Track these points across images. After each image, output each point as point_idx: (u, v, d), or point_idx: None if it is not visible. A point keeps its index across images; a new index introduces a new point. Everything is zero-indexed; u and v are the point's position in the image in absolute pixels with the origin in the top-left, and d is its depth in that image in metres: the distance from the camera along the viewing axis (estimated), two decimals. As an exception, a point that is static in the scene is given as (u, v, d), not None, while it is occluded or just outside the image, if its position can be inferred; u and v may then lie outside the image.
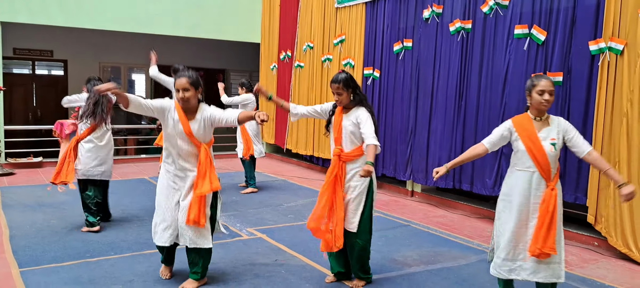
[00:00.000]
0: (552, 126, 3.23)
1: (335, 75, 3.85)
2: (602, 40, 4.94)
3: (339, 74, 3.83)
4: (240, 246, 4.92)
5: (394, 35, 7.47)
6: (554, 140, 3.19)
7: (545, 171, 3.19)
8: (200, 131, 3.74)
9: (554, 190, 3.18)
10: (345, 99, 3.79)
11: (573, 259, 4.82)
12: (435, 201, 7.02)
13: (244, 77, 14.42)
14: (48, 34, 11.19)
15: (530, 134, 3.23)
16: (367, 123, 3.69)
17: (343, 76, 3.79)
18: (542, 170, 3.20)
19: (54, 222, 5.58)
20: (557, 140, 3.20)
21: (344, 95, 3.78)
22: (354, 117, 3.76)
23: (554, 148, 3.19)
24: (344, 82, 3.76)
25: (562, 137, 3.22)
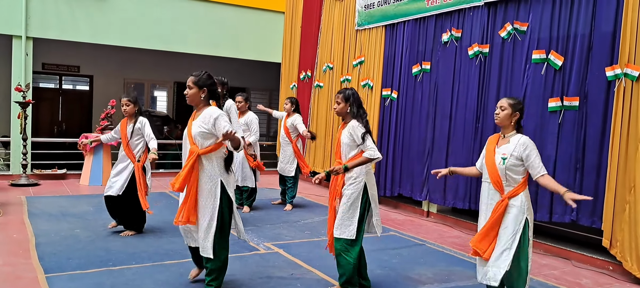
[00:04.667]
0: (511, 144, 3.53)
1: (343, 88, 4.16)
2: (618, 67, 5.00)
3: (346, 89, 4.11)
4: (257, 260, 5.03)
5: (412, 57, 7.60)
6: (505, 156, 3.51)
7: (495, 183, 3.54)
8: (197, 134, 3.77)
9: (505, 201, 3.48)
10: (342, 109, 4.05)
11: (587, 282, 4.83)
12: (451, 222, 7.06)
13: (263, 95, 14.77)
14: (75, 49, 11.56)
15: (489, 148, 3.64)
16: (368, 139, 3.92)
17: (347, 91, 4.08)
18: (493, 182, 3.56)
19: (77, 232, 5.75)
20: (507, 156, 3.49)
21: (341, 105, 4.04)
22: (349, 129, 4.00)
23: (502, 162, 3.49)
24: (344, 95, 4.04)
25: (520, 156, 3.48)
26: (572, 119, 5.45)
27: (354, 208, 3.96)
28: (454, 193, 6.79)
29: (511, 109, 3.56)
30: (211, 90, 3.85)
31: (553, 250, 5.74)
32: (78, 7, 9.52)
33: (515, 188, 3.49)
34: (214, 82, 3.89)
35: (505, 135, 3.61)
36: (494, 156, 3.57)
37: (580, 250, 5.55)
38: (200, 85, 3.81)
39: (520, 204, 3.48)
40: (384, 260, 5.21)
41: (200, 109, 3.86)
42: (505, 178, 3.51)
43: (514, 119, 3.57)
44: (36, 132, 10.73)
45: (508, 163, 3.48)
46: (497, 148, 3.59)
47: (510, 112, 3.56)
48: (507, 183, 3.51)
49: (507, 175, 3.50)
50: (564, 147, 5.51)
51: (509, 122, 3.57)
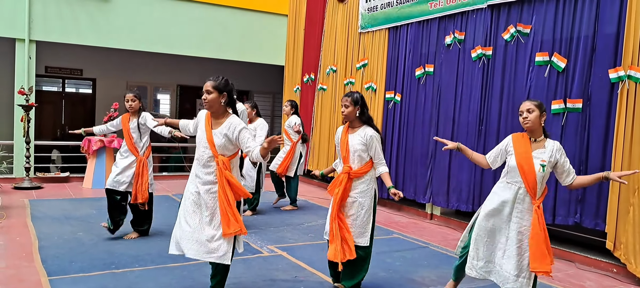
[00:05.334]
0: (546, 149, 3.45)
1: (350, 92, 4.13)
2: (622, 69, 4.99)
3: (353, 92, 4.09)
4: (261, 262, 5.02)
5: (415, 60, 7.60)
6: (544, 163, 3.41)
7: (531, 188, 3.44)
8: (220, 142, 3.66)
9: (540, 208, 3.42)
10: (351, 113, 4.01)
11: (591, 285, 4.81)
12: (454, 224, 7.05)
13: (267, 98, 14.79)
14: (78, 52, 11.58)
15: (524, 152, 3.48)
16: (378, 147, 3.96)
17: (355, 94, 4.06)
18: (528, 187, 3.45)
19: (80, 234, 5.76)
20: (547, 162, 3.41)
21: (350, 109, 4.00)
22: (362, 136, 3.96)
23: (542, 170, 3.40)
24: (353, 98, 4.01)
25: (555, 162, 3.43)
26: (575, 121, 5.44)
27: (369, 215, 4.02)
28: (457, 196, 6.78)
29: (539, 110, 3.46)
30: (231, 95, 3.73)
31: (557, 253, 5.71)
32: (81, 10, 9.56)
33: (543, 195, 3.47)
34: (233, 87, 3.76)
35: (536, 139, 3.49)
36: (532, 160, 3.44)
37: (584, 253, 5.53)
38: (220, 90, 3.66)
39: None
40: (387, 262, 5.20)
41: (219, 116, 3.72)
42: (540, 185, 3.45)
43: (543, 120, 3.47)
44: (39, 135, 10.74)
45: (546, 171, 3.42)
46: (533, 152, 3.46)
47: (539, 113, 3.45)
48: (540, 189, 3.47)
49: (542, 183, 3.46)
50: (568, 149, 5.47)
51: (539, 124, 3.46)
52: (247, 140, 3.61)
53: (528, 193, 3.46)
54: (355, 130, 4.05)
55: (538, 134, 3.48)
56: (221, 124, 3.69)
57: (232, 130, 3.63)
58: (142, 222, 5.78)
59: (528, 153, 3.46)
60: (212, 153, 3.66)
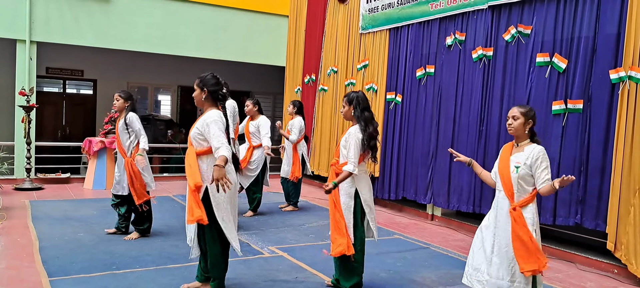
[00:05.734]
0: (524, 152, 3.48)
1: (349, 92, 4.24)
2: (622, 69, 4.98)
3: (352, 92, 4.19)
4: (261, 263, 5.02)
5: (416, 61, 7.59)
6: (518, 164, 3.46)
7: (508, 191, 3.50)
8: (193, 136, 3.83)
9: (516, 211, 3.43)
10: (347, 113, 4.12)
11: (592, 286, 4.81)
12: (455, 225, 7.04)
13: (268, 99, 14.79)
14: (79, 53, 11.59)
15: (504, 157, 3.58)
16: (351, 147, 3.95)
17: (351, 94, 4.14)
18: (505, 190, 3.52)
19: (81, 235, 5.76)
20: (521, 164, 3.45)
21: (346, 109, 4.12)
22: (348, 133, 4.05)
23: (515, 171, 3.46)
24: (348, 98, 4.13)
25: (530, 164, 3.43)
26: (576, 121, 5.43)
27: (347, 214, 4.04)
28: (458, 197, 6.78)
29: (524, 118, 3.49)
30: (211, 91, 3.84)
31: (557, 253, 5.72)
32: (82, 11, 9.56)
33: (526, 199, 3.45)
34: (217, 82, 3.87)
35: (519, 144, 3.54)
36: (508, 164, 3.51)
37: (585, 253, 5.52)
38: (201, 86, 3.86)
39: (532, 216, 3.45)
40: (388, 263, 5.20)
41: (205, 111, 3.89)
42: (517, 187, 3.46)
43: (528, 127, 3.50)
44: (39, 136, 10.75)
45: (521, 173, 3.44)
46: (511, 156, 3.53)
47: (524, 121, 3.49)
48: (517, 193, 3.47)
49: (519, 184, 3.46)
50: (568, 149, 5.49)
51: (523, 131, 3.50)
52: (213, 137, 3.65)
53: (506, 197, 3.51)
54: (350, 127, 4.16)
55: (522, 139, 3.53)
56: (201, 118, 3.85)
57: (204, 122, 3.75)
58: (142, 221, 5.78)
59: (507, 157, 3.55)
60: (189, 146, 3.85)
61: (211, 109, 3.86)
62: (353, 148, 3.95)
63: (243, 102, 12.90)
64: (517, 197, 3.46)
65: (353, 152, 3.95)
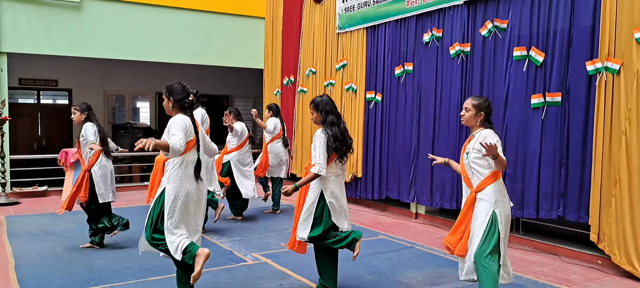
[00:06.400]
0: (474, 138, 3.59)
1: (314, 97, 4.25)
2: (599, 61, 5.00)
3: (316, 97, 4.23)
4: (245, 271, 4.94)
5: (394, 59, 7.57)
6: (467, 150, 3.60)
7: (465, 179, 3.65)
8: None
9: (472, 195, 3.54)
10: (316, 119, 4.18)
11: (576, 278, 4.82)
12: (439, 222, 7.03)
13: (247, 102, 14.67)
14: (53, 63, 11.37)
15: (463, 148, 3.71)
16: (317, 149, 3.99)
17: (316, 99, 4.18)
18: (464, 179, 3.67)
19: (59, 250, 5.61)
20: (470, 150, 3.58)
21: (315, 115, 4.17)
22: (314, 137, 4.08)
23: (466, 157, 3.59)
24: (314, 104, 4.17)
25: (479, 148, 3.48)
26: (555, 114, 5.45)
27: (309, 213, 4.07)
28: (441, 194, 6.77)
29: (475, 110, 3.60)
30: (177, 99, 3.81)
31: (542, 247, 5.73)
32: (52, 20, 9.33)
33: (483, 182, 3.50)
34: (183, 90, 3.84)
35: (473, 134, 3.66)
36: (463, 154, 3.66)
37: (569, 246, 5.54)
38: (168, 95, 3.86)
39: (489, 197, 3.48)
40: (373, 265, 5.15)
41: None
42: (472, 172, 3.56)
43: (479, 119, 3.60)
44: (15, 149, 10.49)
45: (471, 157, 3.54)
46: (467, 145, 3.66)
47: (475, 113, 3.60)
48: (474, 177, 3.55)
49: (472, 169, 3.55)
50: (548, 142, 5.51)
51: (475, 122, 3.62)
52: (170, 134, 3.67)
53: (466, 185, 3.64)
54: None
55: (475, 129, 3.64)
56: None
57: (168, 125, 3.75)
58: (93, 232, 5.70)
59: (463, 148, 3.71)
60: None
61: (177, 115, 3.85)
62: (318, 150, 3.99)
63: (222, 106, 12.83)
64: (474, 182, 3.55)
65: (318, 153, 3.98)
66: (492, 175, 3.49)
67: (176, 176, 3.71)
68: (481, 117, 3.59)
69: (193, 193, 3.77)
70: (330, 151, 4.02)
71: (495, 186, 3.50)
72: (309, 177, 4.00)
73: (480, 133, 3.56)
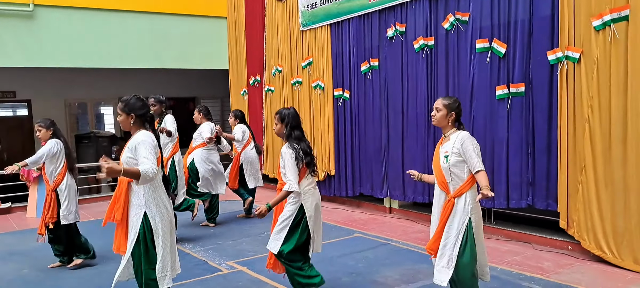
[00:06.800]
0: (451, 141, 3.53)
1: (281, 108, 4.17)
2: (559, 50, 5.09)
3: (283, 109, 4.15)
4: (221, 281, 4.87)
5: (360, 55, 7.56)
6: (446, 154, 3.51)
7: (440, 183, 3.56)
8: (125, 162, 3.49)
9: (451, 201, 3.49)
10: (279, 130, 4.11)
11: (549, 265, 4.92)
12: (413, 216, 7.08)
13: (215, 104, 14.48)
14: (9, 74, 10.97)
15: (436, 151, 3.65)
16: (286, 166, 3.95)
17: (284, 111, 4.11)
18: (439, 183, 3.58)
19: (25, 271, 5.43)
20: (449, 153, 3.49)
21: (278, 127, 4.11)
22: (281, 154, 4.02)
23: (445, 161, 3.50)
24: (280, 115, 4.11)
25: (458, 150, 3.46)
26: (520, 104, 5.53)
27: (284, 226, 4.01)
28: (413, 189, 6.82)
29: (446, 110, 3.55)
30: (139, 114, 3.57)
31: (513, 235, 5.84)
32: (4, 31, 8.98)
33: (461, 187, 3.45)
34: (143, 105, 3.61)
35: (446, 135, 3.60)
36: (439, 157, 3.58)
37: (540, 233, 5.66)
38: (127, 111, 3.56)
39: (464, 204, 3.45)
40: (349, 265, 5.15)
41: (133, 133, 3.59)
42: (450, 177, 3.48)
43: (451, 119, 3.55)
44: (-26, 165, 10.11)
45: (451, 161, 3.46)
46: (441, 147, 3.59)
47: (446, 113, 3.55)
48: (452, 182, 3.48)
49: (451, 173, 3.47)
50: (515, 132, 5.59)
51: (446, 123, 3.56)
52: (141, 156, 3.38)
53: (442, 190, 3.55)
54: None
55: (447, 130, 3.59)
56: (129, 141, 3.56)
57: (133, 146, 3.46)
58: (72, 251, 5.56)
59: (437, 151, 3.62)
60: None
61: (139, 130, 3.59)
62: (288, 167, 3.93)
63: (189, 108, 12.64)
64: (452, 187, 3.49)
65: (289, 170, 3.92)
66: (470, 179, 3.45)
67: (154, 197, 3.48)
68: (452, 117, 3.55)
69: (170, 212, 3.62)
70: (300, 164, 3.97)
71: (472, 192, 3.47)
72: (281, 195, 3.94)
73: (457, 135, 3.49)
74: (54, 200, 5.34)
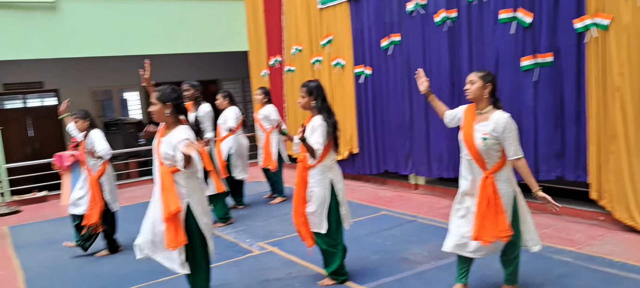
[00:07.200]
0: (490, 121, 3.36)
1: (307, 81, 4.11)
2: (587, 17, 4.97)
3: (310, 81, 4.10)
4: (252, 262, 4.97)
5: (380, 31, 7.49)
6: (485, 136, 3.34)
7: (477, 160, 3.40)
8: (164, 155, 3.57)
9: (489, 179, 3.35)
10: (306, 104, 4.06)
11: (580, 237, 4.88)
12: (440, 191, 7.08)
13: (236, 85, 14.56)
14: (37, 65, 11.18)
15: (467, 123, 3.47)
16: (317, 132, 3.93)
17: (311, 84, 4.06)
18: (475, 159, 3.41)
19: (65, 259, 5.62)
20: (488, 136, 3.33)
21: (305, 100, 4.06)
22: (312, 124, 4.00)
23: (483, 143, 3.34)
24: (308, 88, 4.05)
25: (498, 136, 3.33)
26: (548, 75, 5.43)
27: (323, 205, 4.03)
28: (438, 164, 6.80)
29: (482, 82, 3.38)
30: (176, 104, 3.63)
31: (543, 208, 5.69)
32: (29, 24, 9.13)
33: (499, 163, 3.37)
34: (178, 95, 3.66)
35: (482, 111, 3.42)
36: (473, 133, 3.40)
37: (570, 205, 5.59)
38: (163, 101, 3.59)
39: (506, 178, 3.39)
40: (377, 243, 5.20)
41: (169, 126, 3.65)
42: (488, 156, 3.38)
43: (487, 91, 3.39)
44: (9, 156, 10.41)
45: (489, 143, 3.33)
46: (476, 124, 3.41)
47: (482, 85, 3.38)
48: (490, 160, 3.38)
49: (489, 153, 3.36)
50: (542, 104, 5.51)
51: (482, 96, 3.38)
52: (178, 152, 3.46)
53: (477, 165, 3.43)
54: (310, 119, 4.09)
55: (482, 105, 3.42)
56: (169, 132, 3.61)
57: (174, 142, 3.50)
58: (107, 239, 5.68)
59: (470, 126, 3.44)
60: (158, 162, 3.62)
61: (176, 127, 3.61)
62: (320, 133, 3.92)
63: (210, 91, 12.70)
64: (489, 164, 3.38)
65: (320, 135, 3.92)
66: (504, 155, 3.38)
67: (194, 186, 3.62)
68: (488, 89, 3.38)
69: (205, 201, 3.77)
70: (330, 138, 3.99)
71: (509, 165, 3.41)
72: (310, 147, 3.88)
73: (497, 118, 3.32)
74: (98, 189, 5.44)
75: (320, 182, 4.02)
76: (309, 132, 3.98)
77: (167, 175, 3.55)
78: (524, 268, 3.92)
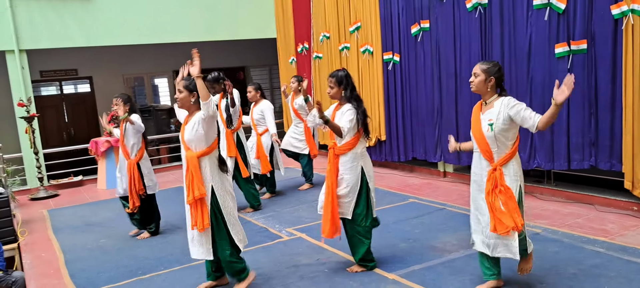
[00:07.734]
0: (494, 108, 3.38)
1: (335, 71, 4.15)
2: (624, 3, 4.86)
3: (338, 71, 4.14)
4: (282, 248, 5.06)
5: (410, 17, 7.44)
6: (491, 121, 3.35)
7: (484, 152, 3.41)
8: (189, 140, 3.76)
9: (497, 170, 3.35)
10: (336, 94, 4.11)
11: (613, 227, 4.82)
12: (469, 180, 7.00)
13: (263, 72, 14.65)
14: (71, 53, 11.47)
15: (475, 118, 3.48)
16: (345, 115, 3.99)
17: (340, 73, 4.11)
18: (482, 152, 3.43)
19: (103, 241, 5.82)
20: (494, 120, 3.34)
21: (335, 90, 4.10)
22: (341, 112, 4.06)
23: (490, 129, 3.34)
24: (337, 78, 4.08)
25: (508, 116, 3.31)
26: (582, 62, 5.34)
27: (353, 191, 4.08)
28: (467, 152, 6.73)
29: (485, 74, 3.38)
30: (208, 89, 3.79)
31: (575, 197, 5.72)
32: (66, 13, 9.39)
33: (507, 155, 3.36)
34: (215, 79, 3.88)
35: (487, 102, 3.44)
36: (480, 124, 3.41)
37: (603, 194, 5.51)
38: (190, 89, 3.77)
39: (513, 173, 3.37)
40: (406, 231, 5.23)
41: (193, 112, 3.83)
42: (496, 146, 3.36)
43: (490, 84, 3.39)
44: (46, 142, 10.75)
45: (497, 129, 3.33)
46: (482, 115, 3.43)
47: (484, 78, 3.38)
48: (498, 150, 3.37)
49: (497, 142, 3.36)
50: (576, 92, 5.39)
51: (485, 89, 3.39)
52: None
53: (485, 159, 3.42)
54: (340, 107, 4.14)
55: (488, 96, 3.43)
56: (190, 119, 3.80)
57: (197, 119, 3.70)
58: (148, 222, 5.84)
59: (477, 118, 3.46)
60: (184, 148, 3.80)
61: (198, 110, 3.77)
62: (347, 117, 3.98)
63: (239, 77, 12.79)
64: (497, 156, 3.37)
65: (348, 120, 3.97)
66: (515, 147, 3.38)
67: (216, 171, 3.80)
68: (491, 83, 3.38)
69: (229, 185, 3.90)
70: (359, 126, 4.04)
71: (517, 159, 3.41)
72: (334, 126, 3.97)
73: (501, 102, 3.33)
74: (137, 172, 5.61)
75: (352, 169, 4.07)
76: (339, 118, 4.06)
77: (193, 160, 3.71)
78: (555, 258, 3.92)
